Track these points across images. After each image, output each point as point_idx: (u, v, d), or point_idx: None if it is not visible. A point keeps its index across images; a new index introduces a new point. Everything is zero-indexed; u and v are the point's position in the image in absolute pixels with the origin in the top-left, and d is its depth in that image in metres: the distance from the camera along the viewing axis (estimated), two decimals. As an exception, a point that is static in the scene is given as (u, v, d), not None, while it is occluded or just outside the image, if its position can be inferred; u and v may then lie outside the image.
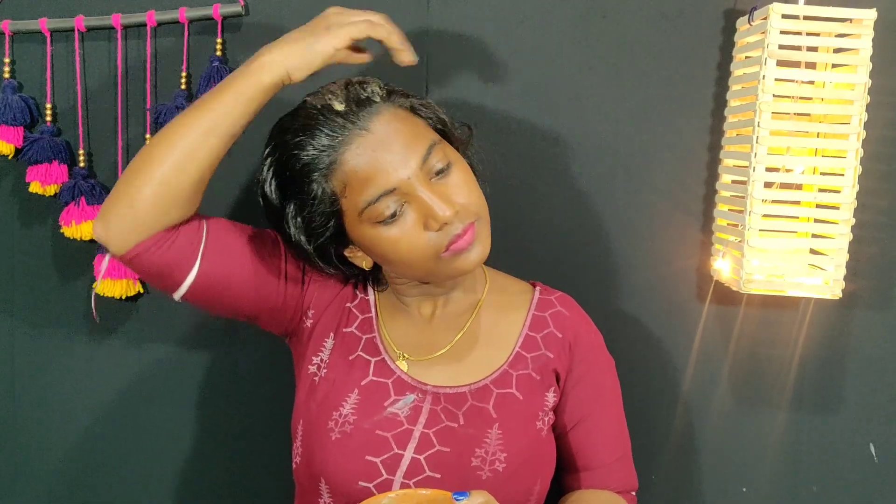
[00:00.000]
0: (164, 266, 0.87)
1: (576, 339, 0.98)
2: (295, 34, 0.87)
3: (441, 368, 0.93)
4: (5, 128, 1.14)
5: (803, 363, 1.17)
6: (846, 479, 1.19)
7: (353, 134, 0.84)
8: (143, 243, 0.85)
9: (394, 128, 0.85)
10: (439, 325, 0.97)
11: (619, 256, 1.16)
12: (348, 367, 0.93)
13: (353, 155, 0.84)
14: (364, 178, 0.83)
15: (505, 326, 0.97)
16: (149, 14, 1.12)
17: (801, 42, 1.00)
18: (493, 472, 0.88)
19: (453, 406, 0.91)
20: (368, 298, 0.98)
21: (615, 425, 1.00)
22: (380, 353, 0.94)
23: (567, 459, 0.99)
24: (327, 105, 0.85)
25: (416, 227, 0.85)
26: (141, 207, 0.83)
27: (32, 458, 1.26)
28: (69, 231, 1.15)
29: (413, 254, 0.86)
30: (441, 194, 0.84)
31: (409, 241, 0.85)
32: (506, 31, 1.13)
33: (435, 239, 0.85)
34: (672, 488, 1.20)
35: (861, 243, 1.12)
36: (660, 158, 1.15)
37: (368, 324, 0.96)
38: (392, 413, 0.89)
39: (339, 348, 0.94)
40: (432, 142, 0.86)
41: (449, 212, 0.83)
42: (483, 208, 0.89)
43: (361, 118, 0.84)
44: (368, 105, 0.85)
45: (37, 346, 1.23)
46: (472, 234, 0.86)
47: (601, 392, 0.99)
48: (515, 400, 0.92)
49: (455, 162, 0.88)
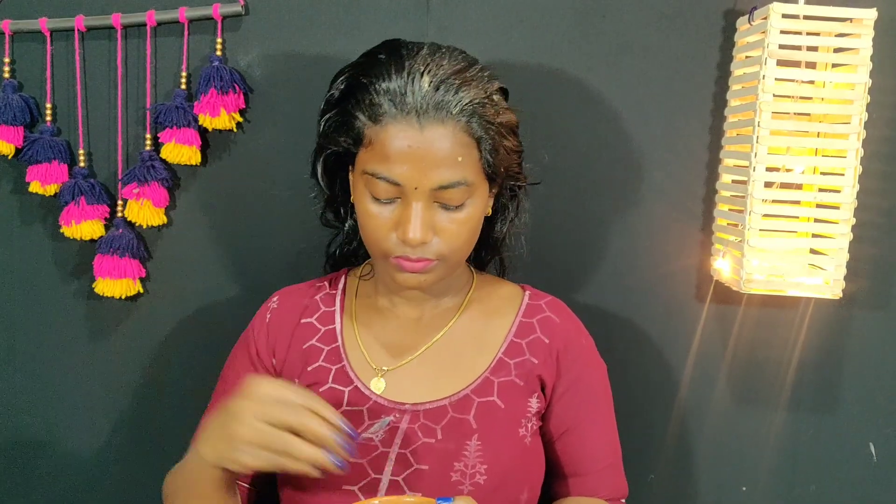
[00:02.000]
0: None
1: (564, 346, 0.96)
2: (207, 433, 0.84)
3: (420, 380, 0.92)
4: (5, 127, 1.14)
5: (803, 363, 1.17)
6: (845, 479, 1.19)
7: (410, 119, 0.82)
8: None
9: (443, 146, 0.82)
10: (424, 328, 0.95)
11: (619, 256, 1.16)
12: None
13: (394, 131, 0.82)
14: (385, 156, 0.83)
15: (489, 331, 0.96)
16: (149, 14, 1.12)
17: (802, 42, 1.00)
18: (474, 485, 0.86)
19: (432, 421, 0.89)
20: (333, 309, 0.97)
21: (605, 432, 0.97)
22: (351, 382, 0.92)
23: (556, 466, 0.97)
24: (418, 74, 0.82)
25: (389, 221, 0.85)
26: None
27: (33, 458, 1.26)
28: (69, 231, 1.15)
29: (371, 237, 0.87)
30: (428, 220, 0.84)
31: (376, 226, 0.86)
32: (506, 30, 1.13)
33: (392, 242, 0.85)
34: (670, 488, 1.20)
35: (861, 243, 1.11)
36: (660, 158, 1.15)
37: (336, 353, 0.94)
38: (366, 438, 0.88)
39: (308, 386, 0.93)
40: (463, 180, 0.83)
41: (418, 238, 0.83)
42: (456, 254, 0.87)
43: (427, 114, 0.82)
44: (443, 109, 0.82)
45: (37, 345, 1.23)
46: (421, 267, 0.86)
47: (591, 399, 0.96)
48: (497, 408, 0.90)
49: (468, 207, 0.86)
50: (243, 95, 1.13)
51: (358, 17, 1.13)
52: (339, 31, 1.13)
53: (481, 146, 0.85)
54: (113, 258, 1.15)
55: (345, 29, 1.13)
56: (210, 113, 1.11)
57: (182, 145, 1.12)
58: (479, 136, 0.84)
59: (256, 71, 1.14)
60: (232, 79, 1.11)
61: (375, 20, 1.13)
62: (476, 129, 0.84)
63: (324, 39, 1.13)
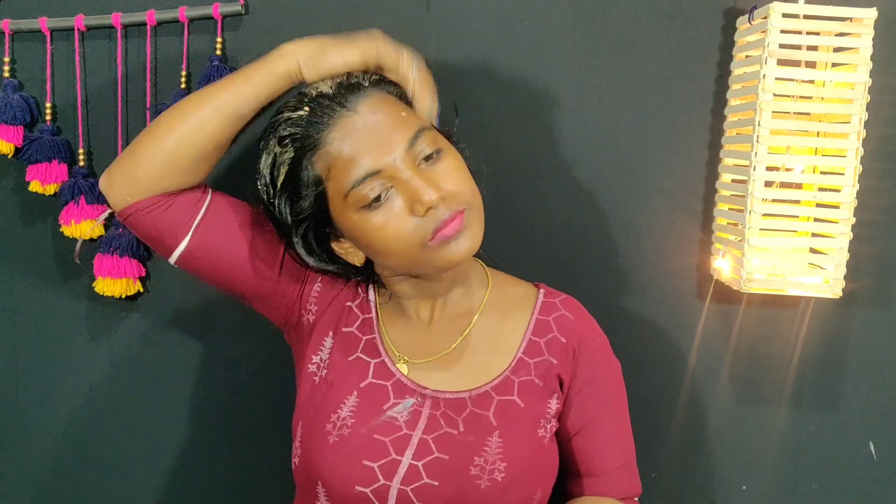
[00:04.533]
0: (157, 229, 0.91)
1: (580, 344, 0.95)
2: (325, 37, 0.89)
3: (441, 373, 0.92)
4: (5, 127, 1.14)
5: (803, 362, 1.17)
6: (846, 477, 1.19)
7: (339, 114, 0.83)
8: (140, 202, 0.89)
9: (381, 110, 0.84)
10: (438, 328, 0.95)
11: (620, 256, 1.16)
12: (347, 369, 0.92)
13: (337, 136, 0.83)
14: (348, 160, 0.82)
15: (507, 330, 0.95)
16: (149, 13, 1.12)
17: (802, 41, 1.00)
18: (491, 481, 0.86)
19: (453, 412, 0.89)
20: (370, 299, 0.97)
21: (620, 431, 0.97)
22: (380, 355, 0.93)
23: (570, 465, 0.97)
24: (317, 88, 0.86)
25: (402, 212, 0.82)
26: (141, 168, 0.88)
27: (34, 457, 1.26)
28: (69, 230, 1.15)
29: (399, 241, 0.83)
30: (428, 179, 0.82)
31: (395, 227, 0.83)
32: (506, 30, 1.13)
33: (421, 225, 0.82)
34: (672, 486, 1.20)
35: (861, 242, 1.12)
36: (660, 158, 1.15)
37: (369, 324, 0.95)
38: (391, 417, 0.89)
39: (339, 348, 0.94)
40: (420, 126, 0.85)
41: (435, 195, 0.81)
42: (475, 197, 0.86)
43: (349, 100, 0.84)
44: (357, 89, 0.85)
45: (38, 345, 1.23)
46: (460, 223, 0.83)
47: (606, 398, 0.96)
48: (517, 407, 0.90)
49: (445, 149, 0.86)
50: (243, 95, 1.13)
51: (358, 17, 1.13)
52: (339, 32, 1.13)
53: (406, 100, 0.89)
54: (113, 258, 1.15)
55: (345, 29, 1.12)
56: (210, 112, 1.10)
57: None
58: (398, 93, 0.88)
59: (256, 70, 1.14)
60: (232, 78, 1.11)
61: (375, 20, 1.12)
62: (392, 89, 0.88)
63: (324, 39, 1.13)
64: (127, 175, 0.89)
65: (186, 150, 0.88)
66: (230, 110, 0.88)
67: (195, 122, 0.87)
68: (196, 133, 0.88)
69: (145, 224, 0.90)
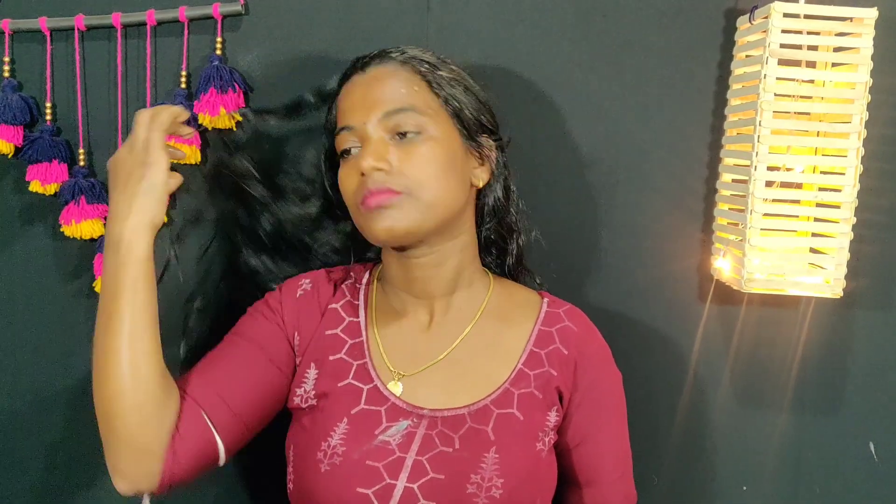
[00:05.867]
0: (198, 468, 0.87)
1: (581, 356, 0.94)
2: (117, 191, 0.84)
3: (438, 387, 0.90)
4: (5, 127, 1.14)
5: (804, 362, 1.17)
6: (847, 479, 1.18)
7: (355, 73, 0.92)
8: (164, 468, 0.84)
9: (384, 78, 0.89)
10: (438, 333, 0.94)
11: (620, 256, 1.16)
12: (337, 395, 0.90)
13: (346, 89, 0.92)
14: (342, 111, 0.92)
15: (507, 338, 0.94)
16: (149, 13, 1.12)
17: (802, 41, 1.00)
18: (489, 498, 0.84)
19: (450, 430, 0.87)
20: (357, 303, 0.96)
21: (619, 443, 0.97)
22: (372, 380, 0.91)
23: (569, 475, 0.96)
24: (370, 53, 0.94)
25: (354, 171, 0.89)
26: (138, 438, 0.82)
27: (34, 458, 1.25)
28: (69, 230, 1.15)
29: (347, 195, 0.90)
30: (381, 150, 0.86)
31: (347, 181, 0.90)
32: (506, 30, 1.13)
33: (359, 188, 0.88)
34: (673, 488, 1.20)
35: (862, 242, 1.11)
36: (660, 158, 1.15)
37: (356, 328, 0.94)
38: (383, 441, 0.86)
39: (327, 376, 0.92)
40: (411, 106, 0.87)
41: (371, 164, 0.85)
42: (426, 190, 0.86)
43: (368, 64, 0.92)
44: (381, 56, 0.92)
45: (37, 345, 1.23)
46: (382, 200, 0.85)
47: (606, 410, 0.96)
48: (516, 420, 0.89)
49: (428, 138, 0.87)
50: (243, 95, 1.13)
51: (358, 17, 1.13)
52: (339, 31, 1.13)
53: (428, 81, 0.90)
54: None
55: (345, 29, 1.13)
56: (210, 112, 1.10)
57: (182, 144, 1.12)
58: (423, 73, 0.90)
59: (256, 71, 1.14)
60: (232, 78, 1.10)
61: (375, 20, 1.13)
62: (419, 68, 0.90)
63: (324, 39, 1.13)
64: (118, 474, 0.85)
65: (145, 384, 0.82)
66: (141, 324, 0.83)
67: (128, 363, 0.81)
68: (138, 367, 0.82)
69: (186, 475, 0.86)
